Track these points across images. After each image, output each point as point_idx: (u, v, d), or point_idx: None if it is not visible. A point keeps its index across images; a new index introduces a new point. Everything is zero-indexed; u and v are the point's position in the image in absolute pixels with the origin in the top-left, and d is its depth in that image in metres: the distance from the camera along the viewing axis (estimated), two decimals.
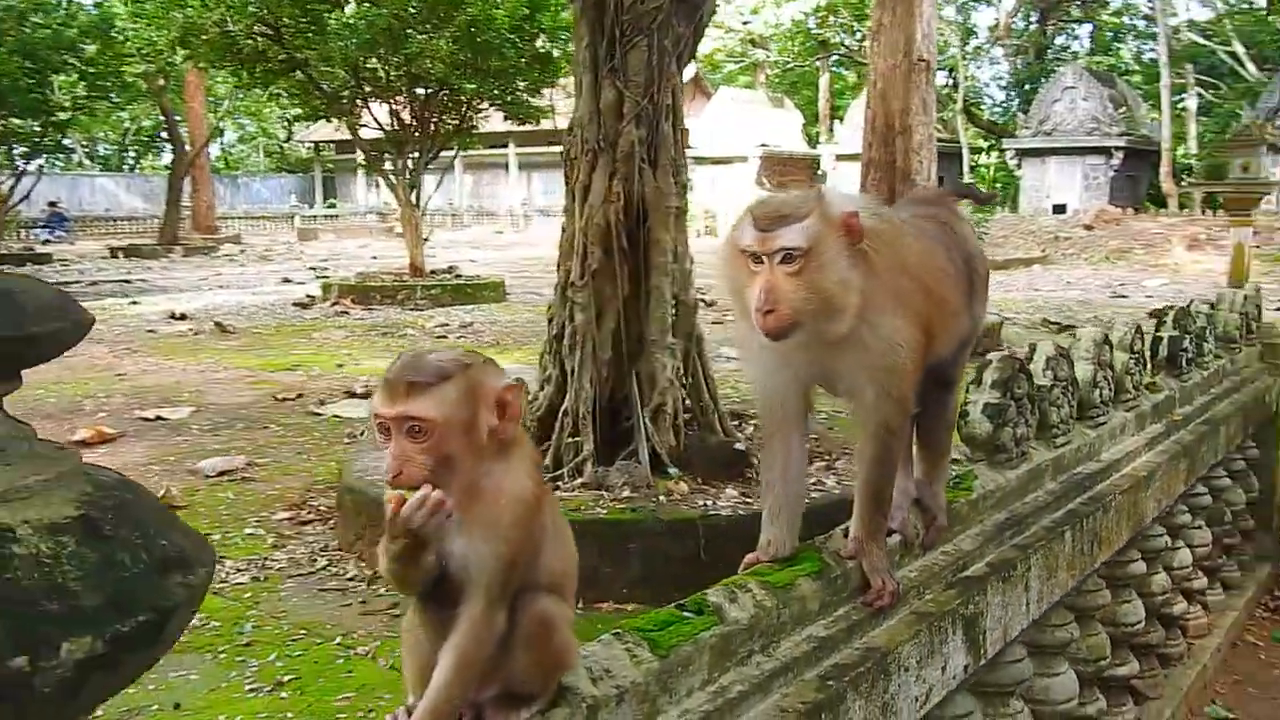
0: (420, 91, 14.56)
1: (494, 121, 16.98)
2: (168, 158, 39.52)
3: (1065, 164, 28.61)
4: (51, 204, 31.84)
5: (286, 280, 18.33)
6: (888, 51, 10.78)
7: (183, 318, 12.81)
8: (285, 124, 47.08)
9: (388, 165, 15.36)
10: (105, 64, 21.56)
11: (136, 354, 10.24)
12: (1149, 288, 16.64)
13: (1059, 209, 28.06)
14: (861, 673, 1.54)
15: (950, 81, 34.13)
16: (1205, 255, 20.66)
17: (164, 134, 35.24)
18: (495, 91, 14.68)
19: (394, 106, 14.67)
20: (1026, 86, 38.26)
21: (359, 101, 14.75)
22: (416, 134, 14.89)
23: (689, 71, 6.54)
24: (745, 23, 38.30)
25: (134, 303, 14.75)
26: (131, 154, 46.93)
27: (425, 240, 15.71)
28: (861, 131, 11.81)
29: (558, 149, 5.38)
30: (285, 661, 3.71)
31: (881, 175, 10.55)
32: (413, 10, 13.32)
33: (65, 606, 0.74)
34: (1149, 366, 3.08)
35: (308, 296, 14.74)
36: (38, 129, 22.36)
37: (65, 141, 32.89)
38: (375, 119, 14.83)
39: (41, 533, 0.76)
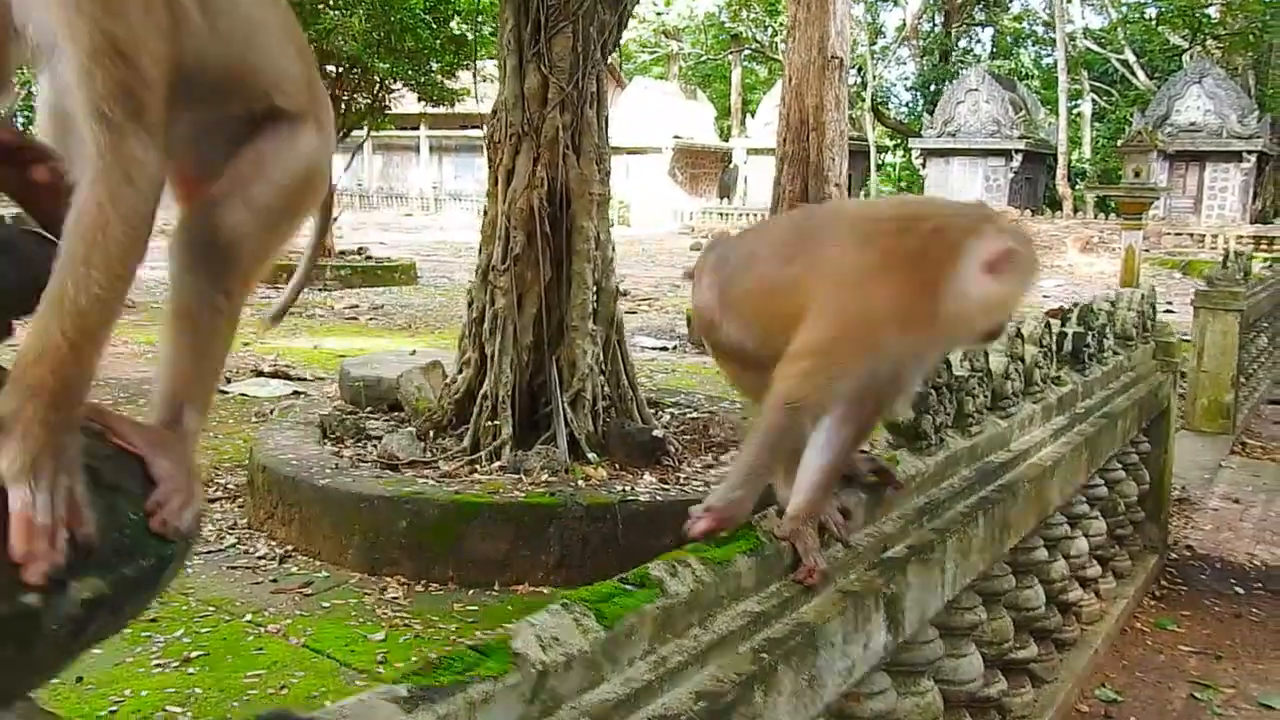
0: (331, 70, 14.25)
1: (407, 103, 16.73)
2: None
3: (968, 165, 29.44)
4: None
5: None
6: (802, 48, 10.96)
7: None
8: None
9: None
10: None
11: None
12: (1045, 288, 17.25)
13: None
14: (792, 647, 1.60)
15: (859, 80, 34.79)
16: (1098, 258, 21.53)
17: None
18: (409, 72, 14.45)
19: None
20: (932, 88, 39.22)
21: None
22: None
23: None
24: (660, 14, 38.42)
25: None
26: None
27: (334, 220, 15.41)
28: (772, 126, 11.98)
29: (471, 133, 5.39)
30: (193, 638, 3.64)
31: (795, 170, 10.72)
32: None
33: (73, 549, 0.75)
34: (1055, 361, 3.22)
35: None
36: None
37: None
38: None
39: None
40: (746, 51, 42.01)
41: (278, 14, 1.21)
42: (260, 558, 4.36)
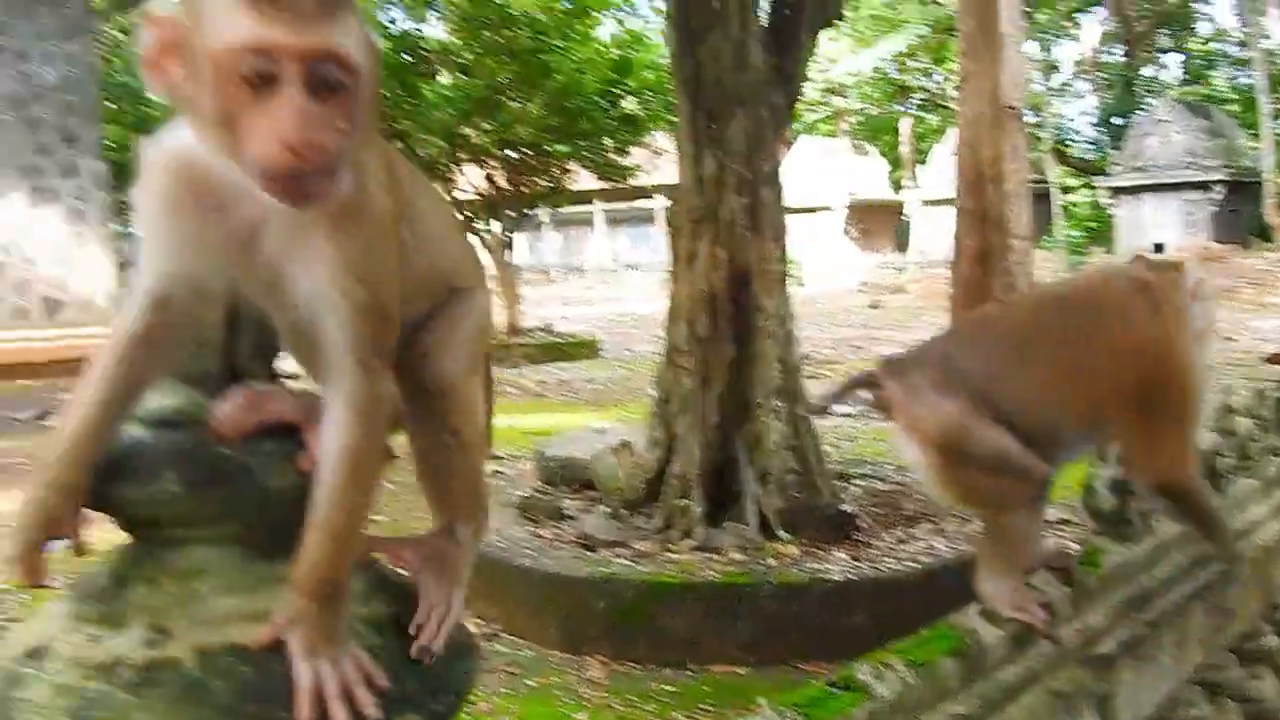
0: (512, 155, 15.01)
1: (582, 179, 17.39)
2: None
3: (1162, 201, 27.93)
4: None
5: None
6: (975, 99, 10.77)
7: None
8: None
9: (481, 226, 15.82)
10: None
11: None
12: (1260, 330, 16.08)
13: (1158, 248, 27.33)
14: None
15: (1037, 120, 33.72)
16: None
17: None
18: (584, 153, 15.07)
19: (487, 170, 15.15)
20: (1116, 122, 37.58)
21: (454, 166, 15.25)
22: (509, 196, 15.33)
23: None
24: (824, 71, 38.48)
25: None
26: None
27: (519, 299, 16.09)
28: (946, 175, 11.78)
29: (645, 204, 5.58)
30: None
31: (974, 225, 10.49)
32: (505, 79, 13.80)
33: (395, 689, 0.91)
34: (1275, 429, 3.05)
35: None
36: None
37: None
38: (470, 182, 15.33)
39: (369, 628, 0.92)
40: (915, 101, 41.51)
41: (445, 213, 1.47)
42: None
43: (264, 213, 1.07)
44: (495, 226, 15.57)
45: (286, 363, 1.27)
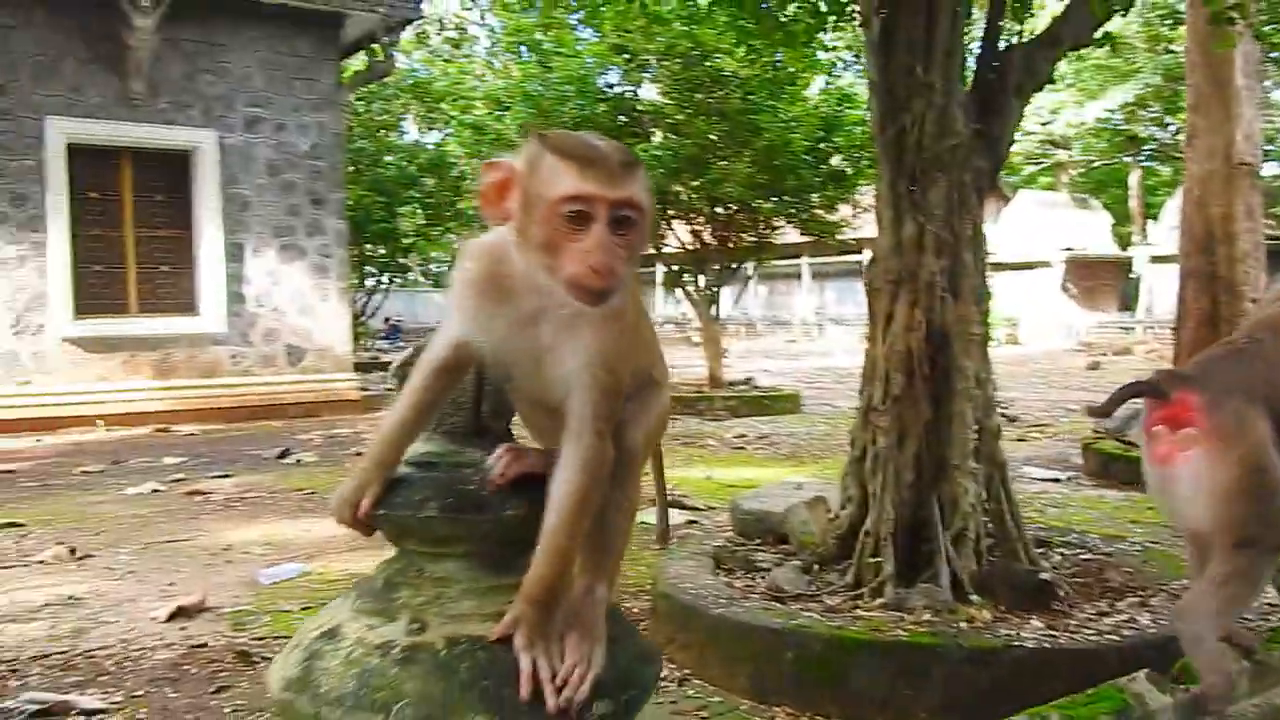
0: (720, 212, 15.40)
1: (788, 233, 17.57)
2: None
3: None
4: (387, 319, 36.03)
5: None
6: (1204, 156, 10.30)
7: None
8: None
9: (688, 280, 16.25)
10: (443, 196, 24.33)
11: None
12: None
13: None
14: None
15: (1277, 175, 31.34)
16: None
17: None
18: (791, 209, 15.27)
19: (695, 226, 15.59)
20: None
21: (663, 222, 15.79)
22: (716, 251, 15.70)
23: None
24: (1045, 124, 37.20)
25: None
26: None
27: (723, 352, 16.37)
28: (1178, 231, 11.24)
29: (851, 258, 5.70)
30: None
31: (1201, 287, 9.98)
32: (714, 138, 14.23)
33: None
34: None
35: None
36: (385, 254, 25.45)
37: (405, 263, 37.28)
38: (678, 238, 15.81)
39: None
40: (1146, 152, 39.44)
41: (649, 320, 1.82)
42: (661, 681, 4.77)
43: (545, 305, 1.44)
44: (701, 281, 15.96)
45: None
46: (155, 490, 8.90)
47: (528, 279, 1.44)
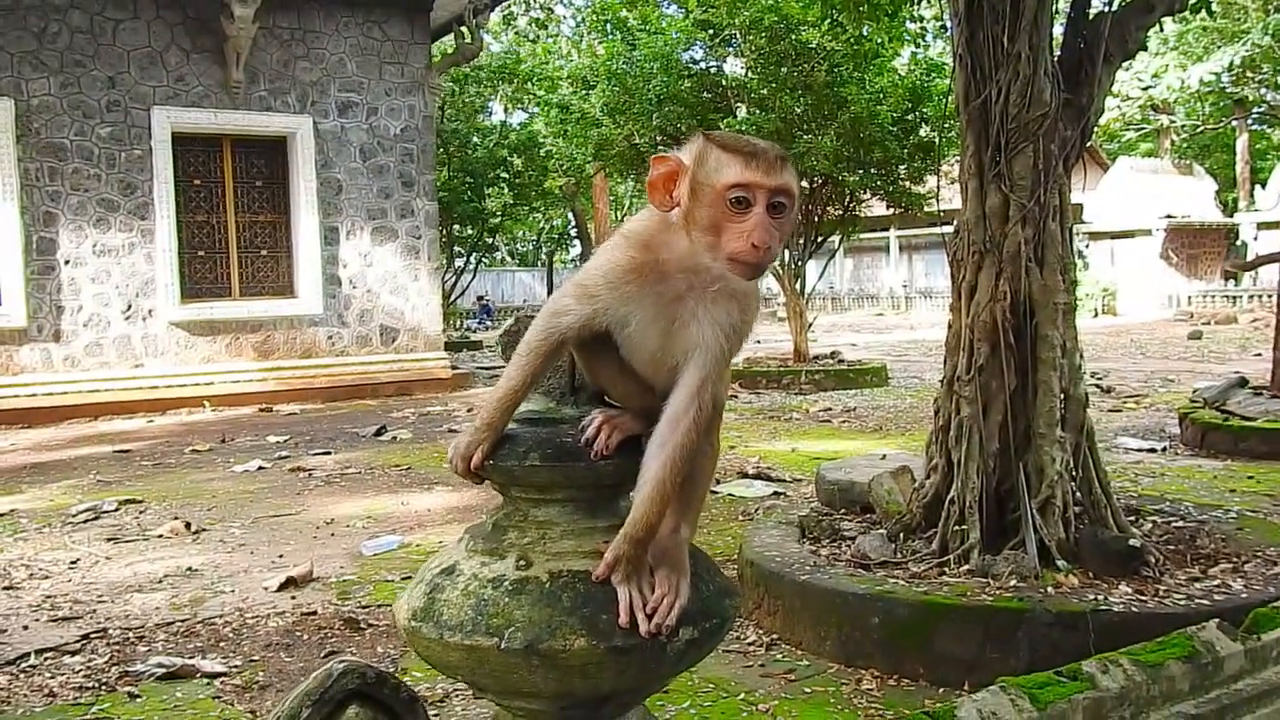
0: (805, 185, 15.33)
1: (875, 206, 17.41)
2: (574, 251, 43.87)
3: None
4: (479, 298, 36.65)
5: None
6: None
7: None
8: None
9: None
10: (530, 176, 24.66)
11: None
12: None
13: None
14: None
15: None
16: None
17: (573, 232, 39.31)
18: (877, 182, 15.13)
19: None
20: None
21: None
22: (802, 225, 15.65)
23: None
24: (1146, 88, 35.93)
25: None
26: (544, 250, 52.53)
27: (809, 326, 16.34)
28: None
29: (939, 230, 5.66)
30: (697, 709, 4.22)
31: None
32: (800, 112, 14.17)
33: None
34: None
35: None
36: (473, 234, 25.93)
37: (492, 242, 37.91)
38: None
39: None
40: (1254, 115, 37.83)
41: None
42: (750, 644, 4.90)
43: (692, 284, 1.68)
44: (787, 255, 15.93)
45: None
46: (261, 468, 9.32)
47: (679, 262, 1.66)
